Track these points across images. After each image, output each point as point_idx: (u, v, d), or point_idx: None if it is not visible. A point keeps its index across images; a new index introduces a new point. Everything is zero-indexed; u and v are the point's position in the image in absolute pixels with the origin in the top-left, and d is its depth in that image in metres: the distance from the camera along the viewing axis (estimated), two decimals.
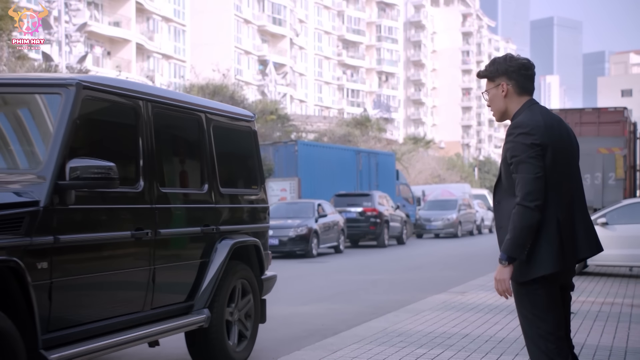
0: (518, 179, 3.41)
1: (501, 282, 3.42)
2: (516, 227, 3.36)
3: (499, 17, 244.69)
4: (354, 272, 14.21)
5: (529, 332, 3.52)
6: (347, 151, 27.12)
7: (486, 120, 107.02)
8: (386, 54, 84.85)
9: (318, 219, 18.65)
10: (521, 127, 3.45)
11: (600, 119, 17.41)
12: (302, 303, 9.62)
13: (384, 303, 9.50)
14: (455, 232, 29.17)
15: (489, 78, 3.63)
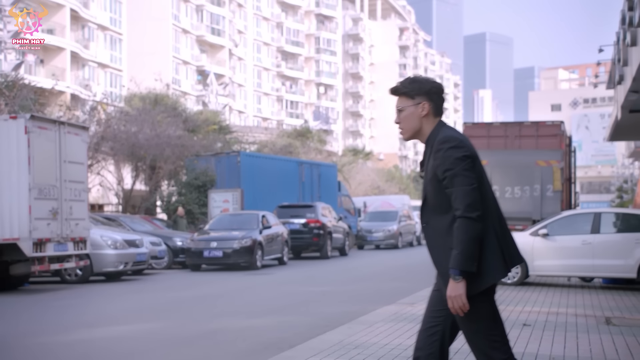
0: (455, 193, 3.38)
1: (457, 299, 3.35)
2: (463, 240, 3.34)
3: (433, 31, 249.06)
4: (301, 284, 14.17)
5: (481, 345, 3.48)
6: (290, 162, 27.10)
7: None
8: (325, 66, 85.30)
9: (262, 230, 18.55)
10: (449, 142, 3.46)
11: (538, 132, 17.88)
12: (254, 315, 9.53)
13: (335, 315, 9.49)
14: (395, 243, 29.43)
15: (408, 95, 3.58)
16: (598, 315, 9.68)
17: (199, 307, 10.61)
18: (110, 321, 9.29)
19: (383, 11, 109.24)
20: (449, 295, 3.37)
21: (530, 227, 14.34)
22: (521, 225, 17.45)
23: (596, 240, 13.38)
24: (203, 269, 18.48)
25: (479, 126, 18.88)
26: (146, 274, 17.06)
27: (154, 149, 24.68)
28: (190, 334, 8.07)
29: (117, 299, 12.08)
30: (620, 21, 13.17)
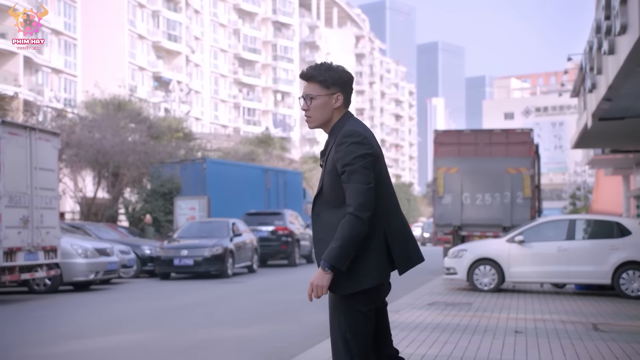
0: (350, 189, 3.32)
1: (320, 288, 3.29)
2: (345, 236, 3.27)
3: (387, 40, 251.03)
4: (278, 292, 14.01)
5: (339, 349, 3.41)
6: (256, 169, 26.91)
7: (378, 141, 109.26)
8: (282, 73, 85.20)
9: (233, 238, 18.33)
10: (353, 137, 3.38)
11: (508, 139, 18.06)
12: (242, 325, 9.34)
13: (325, 324, 9.31)
14: None
15: (323, 84, 3.47)
16: (584, 321, 9.76)
17: (182, 317, 10.37)
18: (97, 332, 9.00)
19: (339, 19, 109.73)
20: (312, 282, 3.29)
21: (507, 234, 14.44)
22: (492, 232, 17.62)
23: (571, 247, 13.54)
24: (172, 277, 18.17)
25: (450, 133, 18.99)
26: (114, 283, 16.68)
27: (119, 155, 24.21)
28: (185, 345, 7.86)
29: (96, 309, 11.75)
30: (595, 30, 13.35)
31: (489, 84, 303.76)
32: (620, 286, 13.14)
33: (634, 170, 32.70)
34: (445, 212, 18.02)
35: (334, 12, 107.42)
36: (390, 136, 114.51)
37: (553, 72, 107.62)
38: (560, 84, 41.59)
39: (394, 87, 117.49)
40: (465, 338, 8.13)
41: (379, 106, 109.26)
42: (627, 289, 13.12)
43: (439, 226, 18.13)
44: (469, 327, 8.96)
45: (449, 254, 14.50)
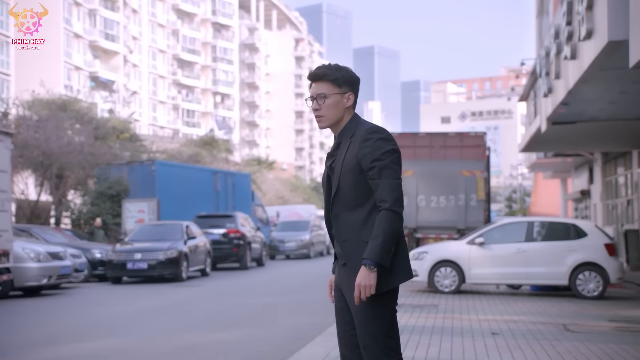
0: (383, 184, 3.32)
1: (368, 288, 3.26)
2: (386, 232, 3.28)
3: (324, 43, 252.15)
4: (240, 296, 13.79)
5: (375, 351, 3.40)
6: (205, 171, 26.54)
7: (317, 143, 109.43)
8: (222, 74, 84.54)
9: (187, 241, 18.01)
10: (379, 133, 3.41)
11: (462, 142, 18.26)
12: (217, 329, 9.14)
13: (302, 327, 9.26)
14: (308, 253, 29.35)
15: (336, 83, 3.48)
16: (553, 322, 9.90)
17: (153, 321, 10.10)
18: (69, 338, 8.66)
19: (278, 22, 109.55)
20: (359, 284, 3.26)
21: (467, 236, 14.58)
22: (446, 234, 17.77)
23: (530, 249, 13.77)
24: (124, 281, 17.72)
25: (405, 136, 19.08)
26: (64, 288, 16.15)
27: (65, 156, 23.48)
28: (166, 350, 7.63)
29: (57, 315, 11.32)
30: (553, 35, 13.62)
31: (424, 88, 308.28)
32: (577, 287, 13.43)
33: (572, 173, 33.64)
34: None
35: (274, 14, 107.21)
36: (329, 139, 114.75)
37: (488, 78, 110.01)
38: (511, 88, 42.50)
39: None
40: (446, 340, 8.14)
41: None
42: (584, 290, 13.41)
43: None
44: (445, 330, 8.98)
45: (410, 257, 14.52)
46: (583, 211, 31.96)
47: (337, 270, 3.63)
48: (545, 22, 31.90)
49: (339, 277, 3.60)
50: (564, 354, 7.37)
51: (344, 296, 3.59)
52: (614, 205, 25.67)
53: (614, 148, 22.87)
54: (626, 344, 8.07)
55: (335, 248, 3.60)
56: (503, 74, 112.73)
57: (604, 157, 25.93)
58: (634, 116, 15.87)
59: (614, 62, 10.72)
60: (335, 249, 3.66)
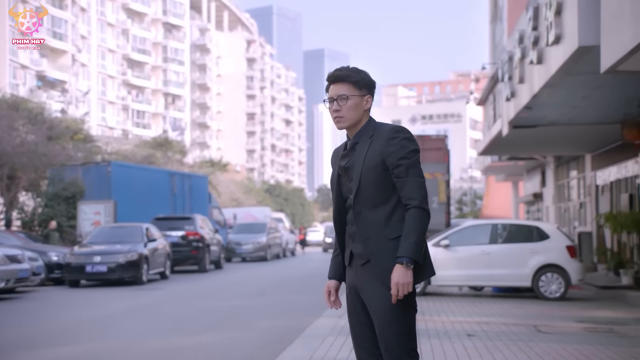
0: (411, 182, 3.39)
1: (406, 285, 3.31)
2: (418, 230, 3.35)
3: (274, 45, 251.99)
4: (206, 299, 13.60)
5: (398, 350, 3.40)
6: (161, 173, 26.18)
7: (269, 145, 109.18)
8: (173, 75, 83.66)
9: (147, 243, 17.71)
10: (403, 132, 3.49)
11: (424, 145, 18.36)
12: (193, 332, 8.98)
13: (277, 329, 9.18)
14: (265, 255, 29.19)
15: (357, 85, 3.53)
16: (524, 323, 10.01)
17: (124, 325, 9.88)
18: (43, 343, 8.40)
19: (230, 23, 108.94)
20: (397, 282, 3.30)
21: (432, 238, 14.67)
22: None
23: (494, 251, 13.93)
24: (83, 285, 17.33)
25: None
26: (21, 292, 15.70)
27: (18, 157, 22.85)
28: (147, 353, 7.48)
29: (22, 319, 10.96)
30: (518, 40, 13.82)
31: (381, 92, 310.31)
32: (540, 288, 13.64)
33: (524, 176, 34.26)
34: None
35: (225, 15, 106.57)
36: (280, 141, 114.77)
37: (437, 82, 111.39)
38: (470, 92, 43.03)
39: (284, 93, 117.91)
40: (425, 342, 8.15)
41: (270, 111, 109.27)
42: (546, 291, 13.63)
43: None
44: (421, 332, 8.98)
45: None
46: (535, 214, 32.56)
47: (352, 271, 3.59)
48: (499, 27, 32.47)
49: (354, 278, 3.56)
50: (543, 356, 7.45)
51: (358, 297, 3.55)
52: (566, 208, 26.22)
53: (569, 152, 23.36)
54: (600, 345, 8.21)
55: (353, 247, 3.55)
56: (452, 79, 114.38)
57: (556, 160, 26.46)
58: (591, 121, 16.23)
59: (580, 67, 10.94)
60: (347, 249, 3.60)
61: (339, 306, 3.67)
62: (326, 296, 3.69)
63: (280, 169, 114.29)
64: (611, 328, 9.74)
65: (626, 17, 8.23)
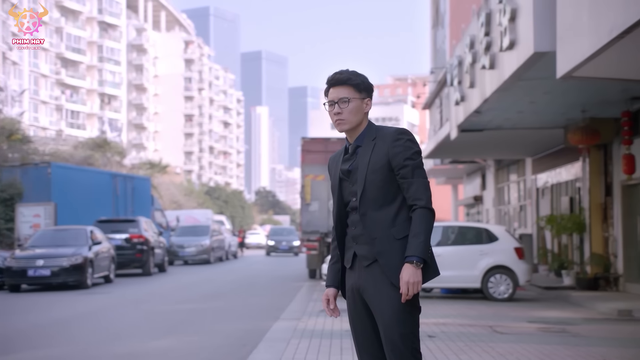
0: (417, 183, 3.44)
1: (416, 284, 3.35)
2: (426, 229, 3.41)
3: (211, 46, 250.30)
4: (159, 302, 13.36)
5: (404, 351, 3.41)
6: (103, 175, 25.63)
7: (207, 147, 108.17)
8: (108, 75, 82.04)
9: (92, 246, 17.29)
10: (407, 134, 3.54)
11: None
12: (153, 337, 8.80)
13: (239, 332, 9.08)
14: (208, 258, 28.89)
15: (357, 88, 3.56)
16: (479, 324, 10.16)
17: (79, 330, 9.62)
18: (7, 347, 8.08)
19: (167, 23, 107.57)
20: (407, 281, 3.33)
21: None
22: None
23: (445, 252, 14.09)
24: (24, 289, 16.79)
25: (317, 141, 19.16)
26: None
27: None
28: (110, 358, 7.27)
29: None
30: (469, 45, 14.03)
31: (312, 94, 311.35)
32: (489, 289, 13.87)
33: (464, 179, 34.87)
34: (313, 219, 18.15)
35: (162, 15, 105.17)
36: (218, 143, 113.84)
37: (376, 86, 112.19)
38: (417, 96, 43.46)
39: (223, 94, 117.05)
40: None
41: (208, 113, 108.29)
42: (495, 292, 13.87)
43: (306, 233, 18.23)
44: None
45: (327, 261, 14.57)
46: (475, 216, 33.16)
47: (355, 273, 3.57)
48: (441, 33, 32.97)
49: (357, 280, 3.54)
50: (506, 356, 7.56)
51: (362, 299, 3.54)
52: (506, 210, 26.79)
53: (510, 156, 23.87)
54: (557, 344, 8.39)
55: (357, 249, 3.54)
56: (390, 83, 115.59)
57: (497, 164, 27.00)
58: (535, 125, 16.61)
59: (533, 72, 11.18)
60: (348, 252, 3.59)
61: (337, 314, 3.64)
62: (325, 304, 3.66)
63: (219, 171, 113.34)
64: (563, 328, 9.97)
65: (584, 24, 8.45)
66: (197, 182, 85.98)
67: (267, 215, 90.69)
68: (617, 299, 13.71)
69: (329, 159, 3.82)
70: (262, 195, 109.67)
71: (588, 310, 12.57)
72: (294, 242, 37.75)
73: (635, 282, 15.04)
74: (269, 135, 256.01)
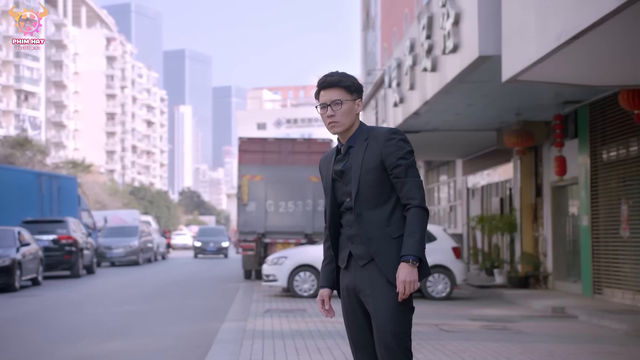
0: (411, 182, 3.47)
1: (413, 283, 3.37)
2: (421, 228, 3.44)
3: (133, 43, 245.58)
4: (98, 305, 12.98)
5: (397, 350, 3.44)
6: (28, 174, 24.75)
7: (130, 147, 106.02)
8: (26, 71, 79.40)
9: (20, 248, 16.67)
10: (399, 134, 3.58)
11: (310, 149, 18.53)
12: (102, 340, 8.55)
13: (188, 334, 8.95)
14: (136, 259, 28.32)
15: (349, 90, 3.57)
16: (425, 323, 10.29)
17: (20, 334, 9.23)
18: None
19: (88, 19, 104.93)
20: (404, 280, 3.35)
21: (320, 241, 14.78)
22: (294, 239, 17.92)
23: None
24: None
25: (254, 141, 19.04)
26: None
27: None
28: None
29: None
30: (409, 48, 14.23)
31: (236, 94, 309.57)
32: (427, 288, 14.10)
33: None
34: (249, 219, 18.02)
35: (83, 11, 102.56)
36: (142, 142, 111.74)
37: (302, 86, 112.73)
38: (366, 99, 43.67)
39: (146, 93, 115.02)
40: (342, 343, 8.18)
41: (131, 111, 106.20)
42: (433, 291, 14.11)
43: (243, 233, 18.08)
44: (335, 333, 9.02)
45: (268, 261, 14.52)
46: None
47: (350, 273, 3.57)
48: (372, 35, 33.29)
49: (352, 279, 3.55)
50: (459, 354, 7.69)
51: (357, 299, 3.55)
52: (436, 211, 27.29)
53: (442, 157, 24.33)
54: (504, 342, 8.60)
55: (352, 249, 3.54)
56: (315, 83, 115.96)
57: (427, 165, 27.47)
58: (470, 128, 16.98)
59: (475, 75, 11.42)
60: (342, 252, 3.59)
61: (332, 314, 3.65)
62: (319, 305, 3.66)
63: (142, 170, 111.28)
64: (504, 325, 10.22)
65: (531, 30, 8.69)
66: (121, 181, 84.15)
67: (192, 215, 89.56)
68: (548, 296, 14.16)
69: (320, 160, 3.79)
70: (187, 196, 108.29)
71: (523, 308, 12.94)
72: (223, 243, 37.22)
73: (564, 280, 15.57)
74: (192, 135, 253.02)
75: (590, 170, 13.75)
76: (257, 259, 17.94)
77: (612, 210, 13.16)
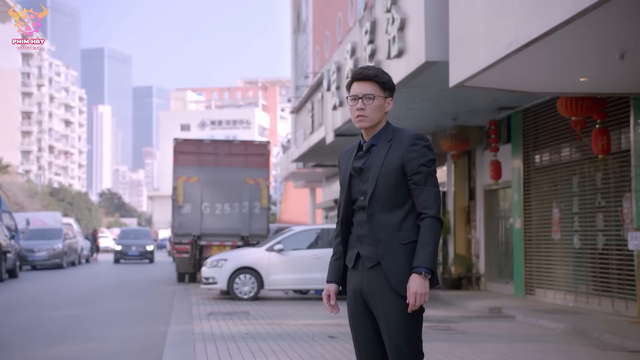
0: (429, 191, 3.44)
1: (424, 295, 3.35)
2: (435, 240, 3.41)
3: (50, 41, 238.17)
4: (32, 309, 12.50)
5: (409, 354, 3.46)
6: None
7: (47, 147, 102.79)
8: None
9: None
10: (424, 140, 3.51)
11: (247, 151, 18.43)
12: (44, 346, 8.22)
13: (137, 337, 8.77)
14: (60, 262, 27.47)
15: (383, 87, 3.55)
16: None
17: None
18: None
19: (1, 14, 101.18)
20: (415, 292, 3.33)
21: (264, 243, 14.75)
22: (230, 242, 17.80)
23: (325, 254, 14.29)
24: None
25: (190, 142, 18.80)
26: None
27: None
28: None
29: None
30: (350, 52, 14.34)
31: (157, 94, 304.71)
32: None
33: (323, 183, 35.51)
34: (185, 221, 17.78)
35: None
36: (59, 142, 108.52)
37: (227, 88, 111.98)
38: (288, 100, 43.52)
39: (64, 92, 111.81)
40: (296, 345, 8.20)
41: (48, 110, 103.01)
42: None
43: (178, 236, 17.82)
44: (285, 335, 9.02)
45: (207, 264, 14.37)
46: (335, 219, 33.82)
47: (357, 273, 3.54)
48: (302, 38, 33.39)
49: (360, 280, 3.52)
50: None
51: (363, 301, 3.52)
52: None
53: None
54: (455, 342, 8.75)
55: (360, 250, 3.51)
56: (240, 85, 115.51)
57: None
58: None
59: (419, 80, 11.62)
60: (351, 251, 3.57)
61: (337, 310, 3.61)
62: (325, 300, 3.62)
63: (59, 171, 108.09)
64: (447, 326, 10.41)
65: (480, 36, 8.90)
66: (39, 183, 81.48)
67: (113, 218, 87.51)
68: (482, 297, 14.51)
69: (340, 153, 3.72)
70: (107, 197, 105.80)
71: (460, 309, 13.21)
72: (148, 247, 35.05)
73: (495, 281, 16.00)
74: (112, 136, 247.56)
75: (523, 175, 14.18)
76: (192, 261, 17.73)
77: (544, 213, 13.61)
